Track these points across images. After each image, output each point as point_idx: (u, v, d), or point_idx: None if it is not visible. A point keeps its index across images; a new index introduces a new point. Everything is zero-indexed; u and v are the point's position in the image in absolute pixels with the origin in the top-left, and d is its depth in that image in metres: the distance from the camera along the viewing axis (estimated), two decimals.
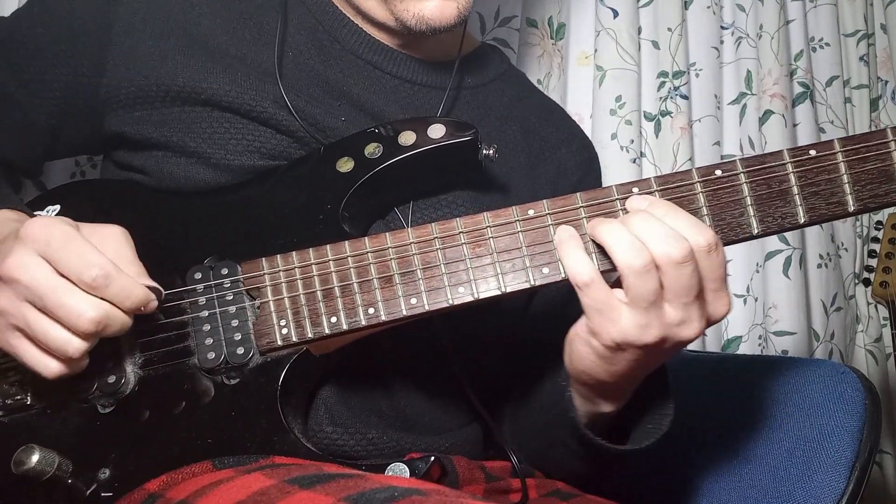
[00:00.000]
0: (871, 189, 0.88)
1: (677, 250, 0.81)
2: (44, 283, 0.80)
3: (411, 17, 1.06)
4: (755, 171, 0.88)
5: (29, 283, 0.80)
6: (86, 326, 0.80)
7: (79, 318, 0.80)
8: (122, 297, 0.82)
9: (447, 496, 0.72)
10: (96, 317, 0.80)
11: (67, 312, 0.80)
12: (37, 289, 0.80)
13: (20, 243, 0.81)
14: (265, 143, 1.04)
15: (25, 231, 0.81)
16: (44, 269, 0.80)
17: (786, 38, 1.99)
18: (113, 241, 0.86)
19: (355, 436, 1.00)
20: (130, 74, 1.05)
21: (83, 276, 0.80)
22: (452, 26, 1.07)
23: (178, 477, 0.88)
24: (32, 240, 0.81)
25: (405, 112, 1.11)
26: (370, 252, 0.90)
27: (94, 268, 0.80)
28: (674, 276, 0.81)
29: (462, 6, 1.07)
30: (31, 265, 0.80)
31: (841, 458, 1.01)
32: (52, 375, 0.84)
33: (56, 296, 0.80)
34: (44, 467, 0.86)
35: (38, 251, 0.80)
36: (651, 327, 0.84)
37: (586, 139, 1.32)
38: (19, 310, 0.81)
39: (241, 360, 0.90)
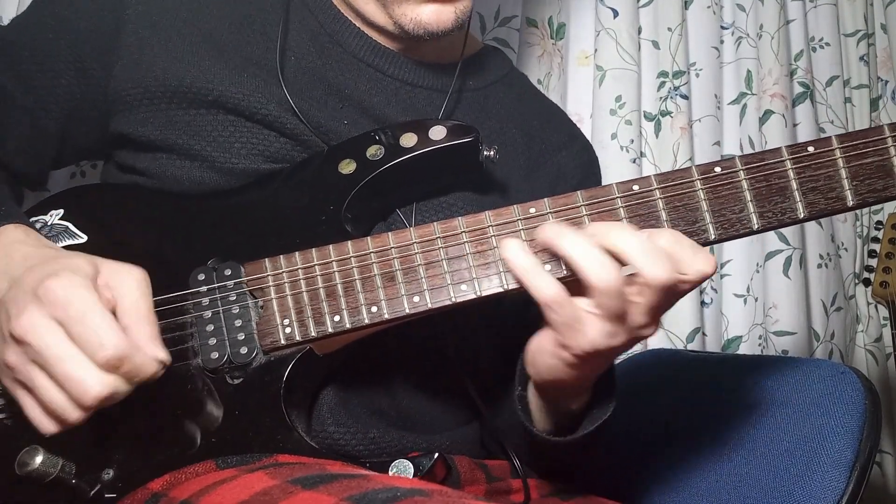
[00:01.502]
0: (870, 184, 0.89)
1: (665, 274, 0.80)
2: (54, 352, 0.77)
3: (409, 21, 1.07)
4: (754, 167, 0.89)
5: (39, 348, 0.77)
6: (90, 402, 0.78)
7: (84, 394, 0.77)
8: (132, 375, 0.80)
9: (449, 496, 0.72)
10: (102, 393, 0.78)
11: (74, 385, 0.77)
12: (46, 355, 0.77)
13: (37, 303, 0.78)
14: (269, 146, 1.05)
15: (45, 291, 0.78)
16: (57, 336, 0.77)
17: (786, 38, 1.99)
18: (132, 288, 0.83)
19: (357, 435, 1.00)
20: (138, 75, 1.05)
21: (97, 355, 0.77)
22: (450, 31, 1.08)
23: (182, 476, 0.88)
24: (51, 303, 0.78)
25: (407, 114, 1.11)
26: (373, 252, 0.90)
27: (109, 349, 0.77)
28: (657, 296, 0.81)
29: (460, 11, 1.07)
30: (45, 330, 0.77)
31: (841, 458, 1.01)
32: (49, 433, 0.82)
33: (64, 367, 0.77)
34: (47, 468, 0.86)
35: (55, 316, 0.78)
36: (619, 335, 0.84)
37: (587, 143, 1.32)
38: (27, 370, 0.79)
39: (244, 359, 0.91)
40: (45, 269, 0.81)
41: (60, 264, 0.81)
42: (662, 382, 1.40)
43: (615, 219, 0.88)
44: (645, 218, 0.88)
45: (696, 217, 0.88)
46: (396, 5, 1.07)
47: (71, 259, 0.83)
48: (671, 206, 0.88)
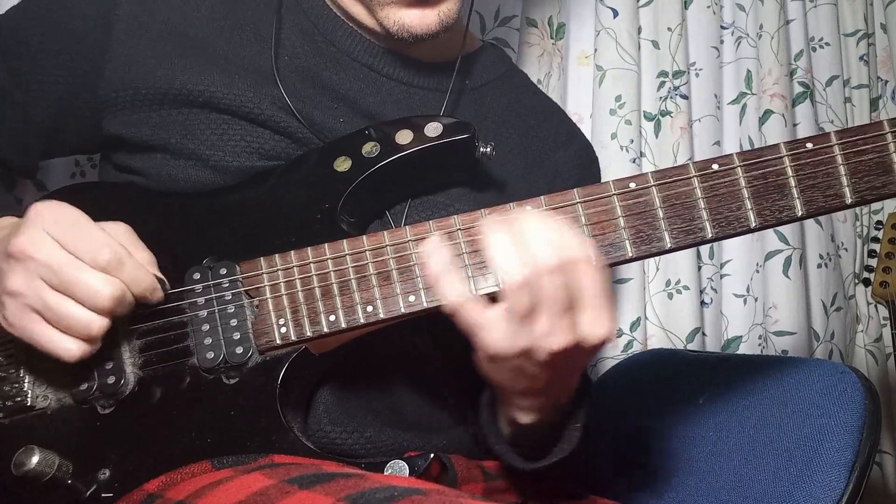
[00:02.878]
0: (869, 181, 0.89)
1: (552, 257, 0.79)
2: (60, 259, 0.79)
3: (392, 24, 1.06)
4: (752, 164, 0.88)
5: (43, 259, 0.79)
6: (105, 302, 0.80)
7: (98, 295, 0.80)
8: (133, 281, 0.83)
9: (447, 496, 0.72)
10: (115, 292, 0.80)
11: (86, 289, 0.80)
12: (53, 265, 0.79)
13: (29, 223, 0.81)
14: (263, 143, 1.04)
15: (34, 211, 0.81)
16: (56, 246, 0.80)
17: (786, 38, 1.99)
18: (121, 231, 0.86)
19: (353, 434, 1.00)
20: (129, 76, 1.06)
21: (97, 256, 0.80)
22: (435, 34, 1.07)
23: (178, 477, 0.88)
24: (42, 219, 0.80)
25: (402, 114, 1.10)
26: (368, 250, 0.90)
27: (106, 249, 0.80)
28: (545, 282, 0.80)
29: (443, 14, 1.06)
30: (45, 242, 0.80)
31: (841, 458, 1.01)
32: (74, 358, 0.83)
33: (73, 271, 0.79)
34: (44, 468, 0.86)
35: (48, 230, 0.80)
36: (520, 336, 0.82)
37: (585, 142, 1.31)
38: (35, 290, 0.80)
39: (240, 359, 0.91)
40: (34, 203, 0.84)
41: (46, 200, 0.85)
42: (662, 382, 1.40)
43: (612, 217, 0.88)
44: (642, 216, 0.88)
45: (694, 215, 0.88)
46: (380, 8, 1.07)
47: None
48: (668, 203, 0.88)
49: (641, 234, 0.88)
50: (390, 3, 1.06)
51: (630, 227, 0.88)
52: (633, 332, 1.78)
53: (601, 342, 0.84)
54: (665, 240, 0.88)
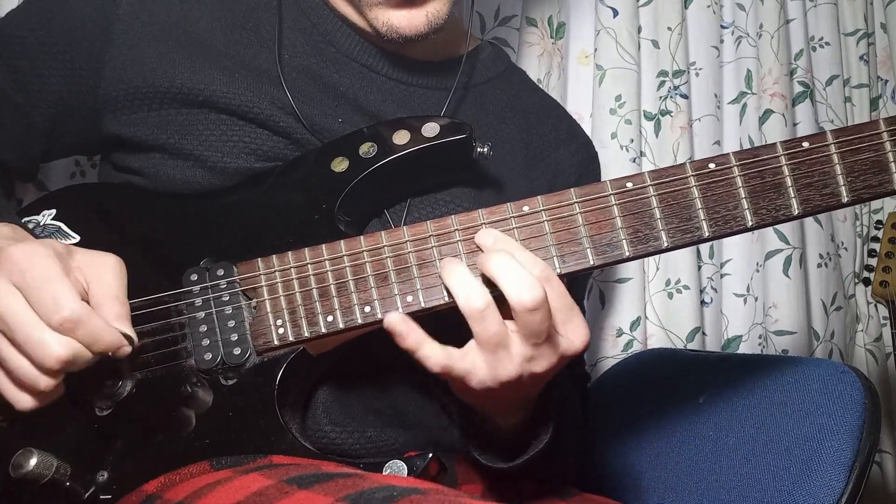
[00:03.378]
0: (865, 179, 0.89)
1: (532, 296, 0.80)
2: (14, 316, 0.78)
3: (382, 25, 1.06)
4: (749, 163, 0.88)
5: (2, 312, 0.78)
6: (51, 363, 0.78)
7: (45, 356, 0.78)
8: (90, 342, 0.80)
9: (446, 495, 0.72)
10: (63, 355, 0.78)
11: (33, 349, 0.78)
12: (7, 320, 0.78)
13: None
14: (262, 144, 1.04)
15: (8, 258, 0.79)
16: (16, 300, 0.78)
17: (786, 38, 1.99)
18: (105, 271, 0.84)
19: (353, 434, 1.00)
20: (128, 76, 1.06)
21: (51, 317, 0.78)
22: (423, 35, 1.07)
23: (176, 478, 0.88)
24: (10, 268, 0.79)
25: (402, 113, 1.11)
26: (366, 251, 0.90)
27: (63, 310, 0.78)
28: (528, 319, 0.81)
29: (431, 15, 1.06)
30: (4, 293, 0.78)
31: (840, 458, 1.01)
32: (26, 409, 0.82)
33: (23, 328, 0.78)
34: (42, 470, 0.86)
35: (14, 281, 0.79)
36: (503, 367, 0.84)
37: (586, 139, 1.31)
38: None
39: (237, 360, 0.90)
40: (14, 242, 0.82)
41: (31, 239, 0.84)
42: (662, 382, 1.40)
43: (609, 217, 0.88)
44: (639, 215, 0.88)
45: (690, 214, 0.88)
46: (369, 9, 1.07)
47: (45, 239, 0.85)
48: (665, 203, 0.88)
49: (639, 234, 0.88)
50: (378, 4, 1.06)
51: (627, 226, 0.88)
52: (633, 331, 1.78)
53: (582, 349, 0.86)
54: (662, 239, 0.88)
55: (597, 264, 0.88)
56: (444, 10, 1.07)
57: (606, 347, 1.79)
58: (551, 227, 0.89)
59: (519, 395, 0.90)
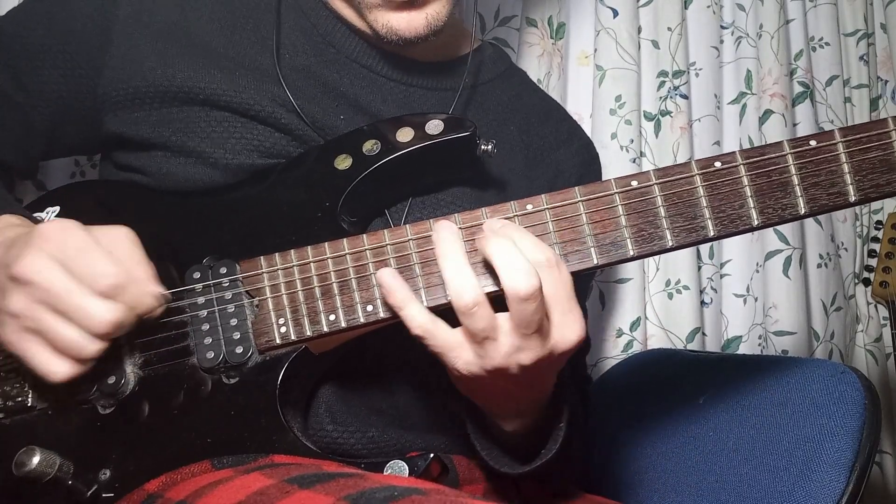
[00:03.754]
0: (873, 179, 0.88)
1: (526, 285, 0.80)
2: (60, 286, 0.80)
3: (381, 27, 1.06)
4: (755, 162, 0.88)
5: (45, 285, 0.80)
6: (103, 328, 0.81)
7: (95, 321, 0.80)
8: (133, 305, 0.83)
9: (447, 496, 0.72)
10: (113, 319, 0.81)
11: (85, 314, 0.80)
12: (53, 291, 0.80)
13: (34, 246, 0.81)
14: (264, 141, 1.04)
15: (40, 234, 0.82)
16: (59, 272, 0.80)
17: (786, 38, 1.99)
18: (123, 242, 0.86)
19: (355, 434, 1.00)
20: (128, 75, 1.06)
21: (97, 284, 0.80)
22: (423, 37, 1.07)
23: (178, 477, 0.88)
24: (47, 243, 0.81)
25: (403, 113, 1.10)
26: (368, 249, 0.90)
27: (108, 276, 0.81)
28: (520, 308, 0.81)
29: (431, 17, 1.06)
30: (47, 268, 0.80)
31: (841, 458, 1.01)
32: (62, 378, 0.83)
33: (73, 298, 0.80)
34: (45, 469, 0.86)
35: (53, 255, 0.80)
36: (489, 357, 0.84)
37: (587, 139, 1.31)
38: (34, 312, 0.81)
39: (240, 359, 0.90)
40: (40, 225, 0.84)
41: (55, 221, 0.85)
42: (662, 382, 1.40)
43: (613, 215, 0.88)
44: (643, 214, 0.88)
45: (696, 213, 0.87)
46: (368, 11, 1.07)
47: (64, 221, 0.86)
48: (670, 202, 0.88)
49: (643, 233, 0.88)
50: (378, 6, 1.06)
51: (631, 225, 0.88)
52: (633, 332, 1.78)
53: (574, 346, 0.86)
54: (667, 238, 0.88)
55: (601, 263, 0.88)
56: (444, 13, 1.07)
57: (606, 348, 1.79)
58: (555, 225, 0.88)
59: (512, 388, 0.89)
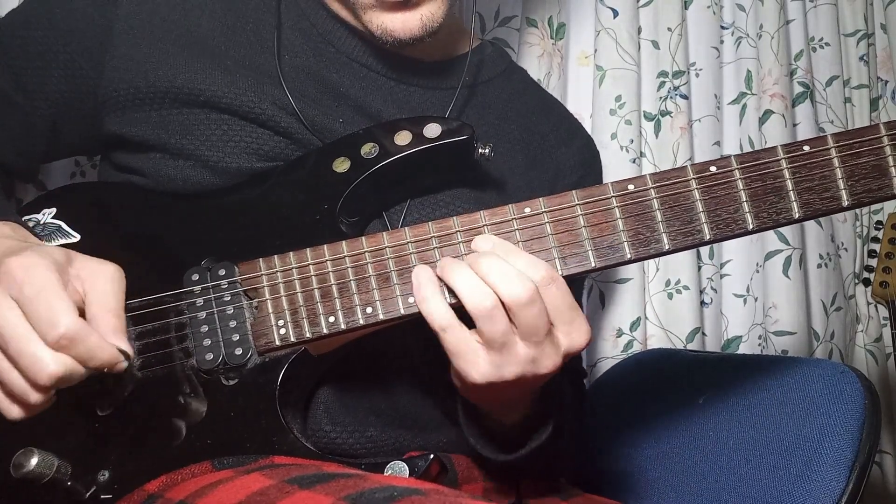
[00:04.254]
0: (865, 184, 0.89)
1: (524, 291, 0.81)
2: (9, 329, 0.77)
3: (376, 28, 1.06)
4: (750, 167, 0.89)
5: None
6: (44, 380, 0.77)
7: (38, 372, 0.77)
8: (86, 359, 0.79)
9: (446, 496, 0.72)
10: (56, 372, 0.77)
11: (27, 363, 0.77)
12: (3, 333, 0.77)
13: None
14: (263, 144, 1.04)
15: (6, 269, 0.79)
16: (13, 313, 0.77)
17: (786, 38, 1.99)
18: (102, 282, 0.83)
19: (354, 434, 1.00)
20: (129, 76, 1.06)
21: (47, 334, 0.77)
22: (419, 38, 1.06)
23: (178, 478, 0.88)
24: (9, 281, 0.78)
25: (402, 113, 1.11)
26: (367, 251, 0.90)
27: (59, 327, 0.77)
28: (523, 315, 0.82)
29: (426, 18, 1.05)
30: (4, 307, 0.78)
31: (840, 458, 1.01)
32: (14, 419, 0.81)
33: (19, 344, 0.77)
34: (43, 470, 0.86)
35: (12, 294, 0.78)
36: (508, 365, 0.84)
37: (587, 138, 1.31)
38: None
39: (239, 360, 0.90)
40: (12, 251, 0.81)
41: (30, 248, 0.82)
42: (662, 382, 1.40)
43: (610, 219, 0.88)
44: (640, 218, 0.89)
45: (692, 217, 0.88)
46: (363, 12, 1.07)
47: (44, 247, 0.84)
48: (666, 205, 0.88)
49: (640, 236, 0.89)
50: (372, 7, 1.06)
51: (629, 229, 0.89)
52: (633, 332, 1.78)
53: (583, 349, 0.88)
54: (663, 242, 0.88)
55: (598, 266, 0.89)
56: (440, 13, 1.07)
57: (606, 348, 1.79)
58: (553, 228, 0.89)
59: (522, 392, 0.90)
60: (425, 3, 1.05)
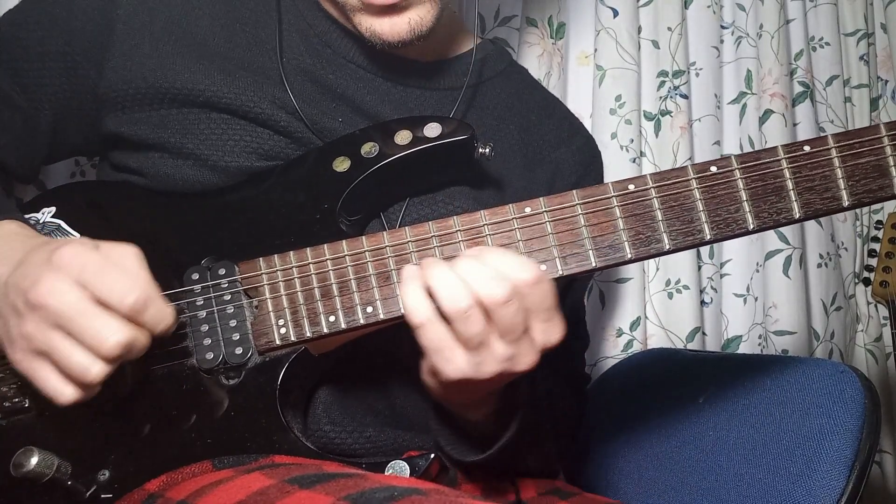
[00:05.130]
0: (866, 184, 0.89)
1: (500, 290, 0.81)
2: (74, 307, 0.78)
3: (365, 31, 1.06)
4: (750, 167, 0.89)
5: (58, 307, 0.78)
6: (111, 350, 0.78)
7: (105, 342, 0.78)
8: (156, 321, 0.81)
9: (446, 496, 0.72)
10: (123, 340, 0.79)
11: (94, 335, 0.78)
12: (66, 312, 0.78)
13: (52, 270, 0.79)
14: (262, 143, 1.04)
15: (58, 258, 0.79)
16: (76, 293, 0.78)
17: (786, 38, 1.99)
18: (132, 260, 0.84)
19: (353, 434, 1.00)
20: (129, 76, 1.05)
21: (124, 301, 0.79)
22: (407, 41, 1.06)
23: (178, 477, 0.88)
24: (67, 266, 0.79)
25: (400, 114, 1.10)
26: (368, 251, 0.90)
27: (131, 295, 0.79)
28: (500, 315, 0.82)
29: (413, 22, 1.04)
30: (66, 290, 0.78)
31: (840, 458, 1.01)
32: (67, 402, 0.82)
33: (85, 319, 0.78)
34: (43, 469, 0.86)
35: (74, 277, 0.79)
36: (485, 364, 0.84)
37: (588, 137, 1.30)
38: (45, 334, 0.79)
39: (239, 360, 0.90)
40: (53, 244, 0.82)
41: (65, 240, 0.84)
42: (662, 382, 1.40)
43: (611, 218, 0.88)
44: (640, 218, 0.89)
45: (692, 217, 0.88)
46: (353, 15, 1.06)
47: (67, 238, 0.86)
48: (667, 205, 0.89)
49: (640, 236, 0.89)
50: (360, 11, 1.05)
51: (629, 228, 0.89)
52: (633, 331, 1.78)
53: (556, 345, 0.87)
54: (664, 241, 0.89)
55: (599, 266, 0.89)
56: (429, 17, 1.06)
57: (606, 347, 1.79)
58: (553, 228, 0.89)
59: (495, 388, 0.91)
60: (413, 7, 1.04)
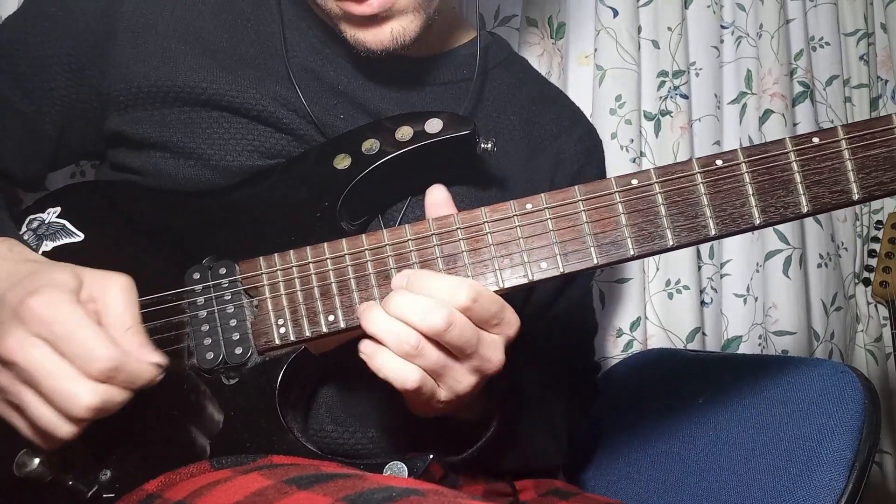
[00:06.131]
0: (877, 176, 0.86)
1: (439, 319, 0.81)
2: (43, 367, 0.77)
3: (349, 38, 1.05)
4: (757, 160, 0.87)
5: (27, 367, 0.77)
6: (81, 414, 0.78)
7: (74, 406, 0.77)
8: (133, 379, 0.80)
9: (445, 496, 0.72)
10: (93, 404, 0.77)
11: (62, 398, 0.77)
12: (35, 372, 0.77)
13: (19, 324, 0.78)
14: (264, 142, 1.04)
15: (27, 310, 0.78)
16: (44, 352, 0.77)
17: (786, 38, 1.99)
18: (115, 298, 0.82)
19: (355, 434, 1.00)
20: (131, 75, 1.05)
21: (90, 367, 0.77)
22: (390, 50, 1.04)
23: (177, 477, 0.88)
24: (35, 322, 0.78)
25: (402, 110, 1.10)
26: (367, 249, 0.90)
27: (102, 360, 0.77)
28: (448, 339, 0.82)
29: (396, 32, 1.03)
30: (31, 349, 0.77)
31: (840, 458, 1.00)
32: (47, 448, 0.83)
33: (52, 382, 0.77)
34: (45, 469, 0.86)
35: (41, 334, 0.77)
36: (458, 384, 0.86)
37: (589, 127, 1.29)
38: (16, 390, 0.79)
39: (239, 359, 0.90)
40: (27, 288, 0.80)
41: (43, 280, 0.81)
42: (662, 382, 1.41)
43: (613, 215, 0.87)
44: (644, 213, 0.87)
45: (697, 212, 0.87)
46: (337, 23, 1.05)
47: (53, 273, 0.83)
48: (670, 200, 0.87)
49: (644, 232, 0.87)
50: (343, 20, 1.04)
51: (632, 224, 0.87)
52: (633, 331, 1.78)
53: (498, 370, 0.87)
54: (667, 238, 0.87)
55: (600, 263, 0.87)
56: (412, 27, 1.04)
57: (606, 348, 1.79)
58: (555, 224, 0.88)
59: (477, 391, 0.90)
60: (395, 17, 1.03)
